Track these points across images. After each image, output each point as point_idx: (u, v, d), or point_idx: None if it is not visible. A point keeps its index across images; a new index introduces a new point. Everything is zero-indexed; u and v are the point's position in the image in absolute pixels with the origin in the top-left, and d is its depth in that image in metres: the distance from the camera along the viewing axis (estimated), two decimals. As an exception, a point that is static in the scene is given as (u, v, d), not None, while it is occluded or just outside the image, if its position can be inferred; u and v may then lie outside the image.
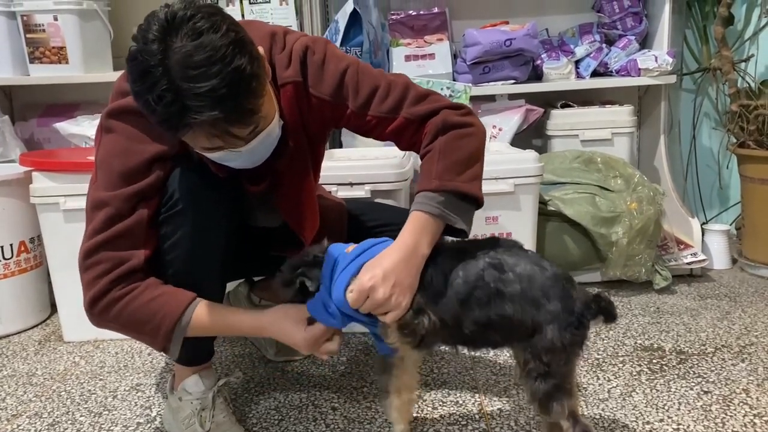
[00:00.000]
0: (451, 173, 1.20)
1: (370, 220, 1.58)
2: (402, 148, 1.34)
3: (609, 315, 1.18)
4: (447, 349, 1.28)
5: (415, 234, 1.17)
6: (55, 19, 2.35)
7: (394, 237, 1.20)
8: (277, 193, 1.35)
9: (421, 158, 1.26)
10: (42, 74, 2.42)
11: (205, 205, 1.23)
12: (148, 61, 1.01)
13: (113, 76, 2.49)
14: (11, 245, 2.03)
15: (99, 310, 1.19)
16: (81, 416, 1.55)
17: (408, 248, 1.16)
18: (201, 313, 1.22)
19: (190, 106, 1.01)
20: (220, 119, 1.03)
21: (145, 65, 1.01)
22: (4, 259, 2.02)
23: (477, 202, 1.24)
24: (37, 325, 2.13)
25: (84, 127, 2.25)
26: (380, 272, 1.13)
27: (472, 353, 1.64)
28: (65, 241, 1.90)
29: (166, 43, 1.01)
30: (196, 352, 1.36)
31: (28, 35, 2.38)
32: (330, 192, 1.72)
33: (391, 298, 1.14)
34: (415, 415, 1.48)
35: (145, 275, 1.21)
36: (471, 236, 1.26)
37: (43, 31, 2.37)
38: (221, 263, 1.32)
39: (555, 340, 1.13)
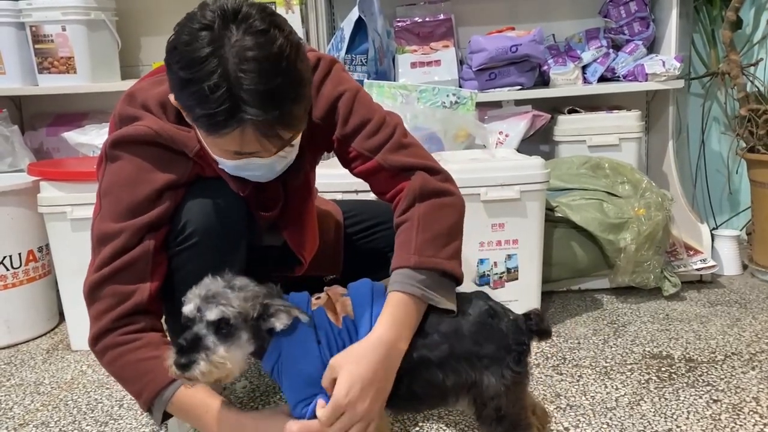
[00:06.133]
0: (432, 248, 1.12)
1: (362, 221, 1.55)
2: (374, 193, 1.28)
3: (543, 333, 1.13)
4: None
5: (396, 326, 1.08)
6: (64, 29, 2.37)
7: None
8: (283, 215, 1.31)
9: (396, 226, 1.18)
10: (50, 84, 2.44)
11: (221, 238, 1.19)
12: (203, 48, 0.97)
13: (121, 85, 2.51)
14: (20, 254, 2.04)
15: (98, 349, 1.17)
16: (87, 425, 1.55)
17: (388, 345, 1.07)
18: (187, 392, 1.14)
19: (248, 101, 0.97)
20: (274, 121, 0.99)
21: (200, 52, 0.97)
22: (13, 268, 2.03)
23: (457, 280, 1.16)
24: (45, 334, 2.14)
25: (92, 137, 2.27)
26: (358, 386, 1.04)
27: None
28: (73, 250, 1.91)
29: (223, 33, 0.97)
30: None
31: (36, 45, 2.40)
32: (330, 200, 1.71)
33: (372, 409, 1.06)
34: (420, 423, 1.47)
35: (148, 314, 1.17)
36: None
37: (52, 41, 2.39)
38: None
39: (498, 384, 1.09)
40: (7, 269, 2.01)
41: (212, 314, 1.01)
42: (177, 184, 1.18)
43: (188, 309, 1.02)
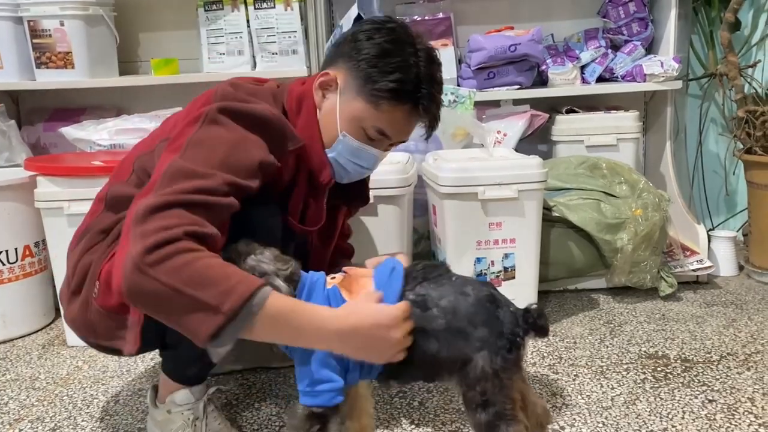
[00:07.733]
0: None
1: None
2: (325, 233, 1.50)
3: (540, 330, 1.15)
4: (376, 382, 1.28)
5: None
6: (62, 24, 2.36)
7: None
8: (322, 237, 1.46)
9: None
10: (48, 79, 2.43)
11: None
12: (407, 37, 1.26)
13: (119, 81, 2.51)
14: (16, 249, 2.04)
15: (159, 257, 0.97)
16: (83, 421, 1.55)
17: None
18: (278, 298, 1.05)
19: (427, 82, 1.26)
20: (434, 107, 1.29)
21: (405, 38, 1.26)
22: (9, 263, 2.02)
23: None
24: (40, 329, 2.13)
25: (89, 132, 2.25)
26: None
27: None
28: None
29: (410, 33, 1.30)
30: (197, 373, 1.36)
31: (34, 40, 2.39)
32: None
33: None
34: (416, 422, 1.47)
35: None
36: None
37: (50, 36, 2.38)
38: None
39: (486, 367, 1.10)
40: (3, 264, 2.01)
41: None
42: (267, 171, 1.17)
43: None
